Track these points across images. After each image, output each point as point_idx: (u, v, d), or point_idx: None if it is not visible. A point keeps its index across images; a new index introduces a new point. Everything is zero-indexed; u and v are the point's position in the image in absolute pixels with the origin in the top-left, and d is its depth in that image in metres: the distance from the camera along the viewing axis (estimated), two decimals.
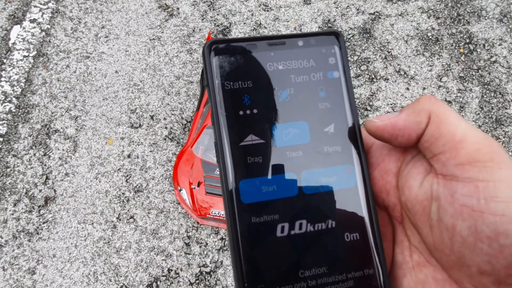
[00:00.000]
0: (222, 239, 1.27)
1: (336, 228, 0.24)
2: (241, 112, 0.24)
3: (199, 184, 1.16)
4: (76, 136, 1.43)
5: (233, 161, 0.23)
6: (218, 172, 1.16)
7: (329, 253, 0.23)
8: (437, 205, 0.21)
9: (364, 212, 0.24)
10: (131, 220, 1.30)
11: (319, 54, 0.26)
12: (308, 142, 0.25)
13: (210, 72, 0.24)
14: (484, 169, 0.19)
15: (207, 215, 1.15)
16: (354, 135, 0.25)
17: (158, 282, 1.21)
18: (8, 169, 1.38)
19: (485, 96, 1.49)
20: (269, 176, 0.24)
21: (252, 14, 1.66)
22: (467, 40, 1.60)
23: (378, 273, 0.23)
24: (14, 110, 1.47)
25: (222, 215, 1.14)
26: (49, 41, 1.61)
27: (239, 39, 0.25)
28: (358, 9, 1.67)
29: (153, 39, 1.62)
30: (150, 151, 1.40)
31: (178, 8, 1.69)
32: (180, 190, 1.18)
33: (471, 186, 0.20)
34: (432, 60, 1.56)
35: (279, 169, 0.24)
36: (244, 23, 1.65)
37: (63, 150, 1.41)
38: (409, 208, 0.24)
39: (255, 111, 0.24)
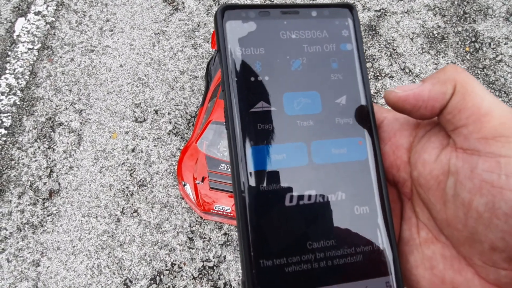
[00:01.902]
0: (225, 234, 1.28)
1: (345, 201, 0.24)
2: (252, 79, 0.24)
3: (203, 179, 1.16)
4: (80, 130, 1.43)
5: (242, 127, 0.23)
6: (222, 167, 1.17)
7: (338, 225, 0.23)
8: (454, 180, 0.21)
9: (374, 186, 0.24)
10: (135, 214, 1.30)
11: (332, 26, 0.26)
12: (319, 113, 0.24)
13: (222, 37, 0.24)
14: (507, 145, 0.19)
15: (211, 210, 1.16)
16: (366, 108, 0.25)
17: (162, 276, 1.22)
18: (13, 162, 1.38)
19: None
20: (279, 144, 0.23)
21: None
22: (473, 39, 1.59)
23: (387, 248, 0.23)
24: (18, 103, 1.48)
25: (226, 210, 1.14)
26: (54, 34, 1.61)
27: (252, 6, 0.25)
28: (364, 6, 1.67)
29: (158, 33, 1.62)
30: (154, 146, 1.40)
31: (183, 3, 1.68)
32: (184, 185, 1.19)
33: (492, 161, 0.19)
34: (437, 58, 1.55)
35: (289, 137, 0.24)
36: None
37: (68, 143, 1.41)
38: (421, 183, 0.23)
39: (266, 78, 0.24)
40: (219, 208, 1.15)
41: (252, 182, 0.23)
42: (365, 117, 0.25)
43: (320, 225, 0.23)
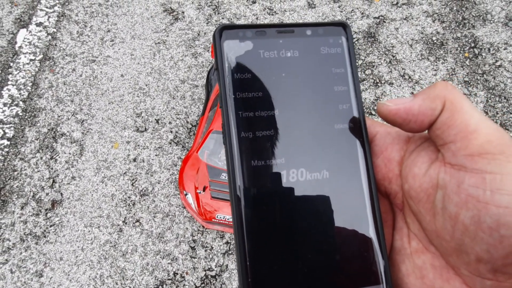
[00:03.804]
0: (227, 243, 1.28)
1: (338, 212, 0.24)
2: (249, 96, 0.25)
3: (204, 189, 1.16)
4: (82, 140, 1.44)
5: (239, 143, 0.24)
6: (223, 177, 1.17)
7: (331, 235, 0.24)
8: (442, 194, 0.22)
9: (366, 198, 0.25)
10: (137, 223, 1.31)
11: (326, 44, 0.26)
12: (314, 127, 0.25)
13: (220, 56, 0.25)
14: (493, 161, 0.19)
15: (213, 220, 1.16)
16: (359, 122, 0.26)
17: (164, 286, 1.22)
18: (15, 173, 1.39)
19: (490, 100, 1.49)
20: (275, 159, 0.24)
21: (257, 18, 1.67)
22: (472, 44, 1.60)
23: (379, 258, 0.24)
24: (21, 114, 1.49)
25: (227, 219, 1.15)
26: (55, 45, 1.62)
27: (249, 25, 0.26)
28: (362, 13, 1.68)
29: (158, 43, 1.63)
30: (156, 155, 1.41)
31: (183, 12, 1.70)
32: (186, 194, 1.19)
33: (478, 177, 0.20)
34: (437, 65, 1.56)
35: (285, 152, 0.24)
36: None
37: (70, 153, 1.42)
38: (412, 196, 0.24)
39: (262, 95, 0.25)
40: (220, 217, 1.16)
41: (248, 194, 0.24)
42: (357, 131, 0.26)
43: (313, 235, 0.24)
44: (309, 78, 0.26)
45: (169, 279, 1.23)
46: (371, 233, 0.24)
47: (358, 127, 0.26)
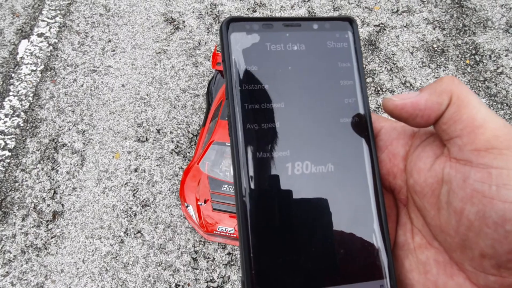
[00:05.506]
0: (229, 253, 1.27)
1: (343, 206, 0.24)
2: (255, 88, 0.25)
3: (205, 201, 1.16)
4: (83, 150, 1.44)
5: (244, 135, 0.24)
6: (225, 188, 1.17)
7: (335, 230, 0.24)
8: (447, 188, 0.22)
9: (371, 192, 0.25)
10: (138, 234, 1.30)
11: (332, 38, 0.27)
12: (320, 121, 0.25)
13: (227, 49, 0.25)
14: (499, 157, 0.19)
15: (214, 232, 1.16)
16: (364, 117, 0.26)
17: None
18: (17, 184, 1.39)
19: (491, 107, 1.48)
20: (280, 151, 0.24)
21: None
22: (473, 51, 1.59)
23: (382, 253, 0.24)
24: (22, 125, 1.49)
25: (229, 231, 1.14)
26: (57, 55, 1.63)
27: (256, 18, 0.26)
28: (363, 21, 1.68)
29: (159, 52, 1.63)
30: (157, 165, 1.41)
31: (183, 22, 1.70)
32: (187, 206, 1.19)
33: (484, 172, 0.20)
34: (438, 72, 1.56)
35: (290, 145, 0.24)
36: None
37: (71, 164, 1.42)
38: (417, 191, 0.24)
39: (268, 88, 0.25)
40: (222, 229, 1.15)
41: (253, 186, 0.24)
42: (363, 125, 0.26)
43: (317, 229, 0.24)
44: (315, 71, 0.26)
45: None
46: (375, 228, 0.24)
47: (363, 122, 0.26)
